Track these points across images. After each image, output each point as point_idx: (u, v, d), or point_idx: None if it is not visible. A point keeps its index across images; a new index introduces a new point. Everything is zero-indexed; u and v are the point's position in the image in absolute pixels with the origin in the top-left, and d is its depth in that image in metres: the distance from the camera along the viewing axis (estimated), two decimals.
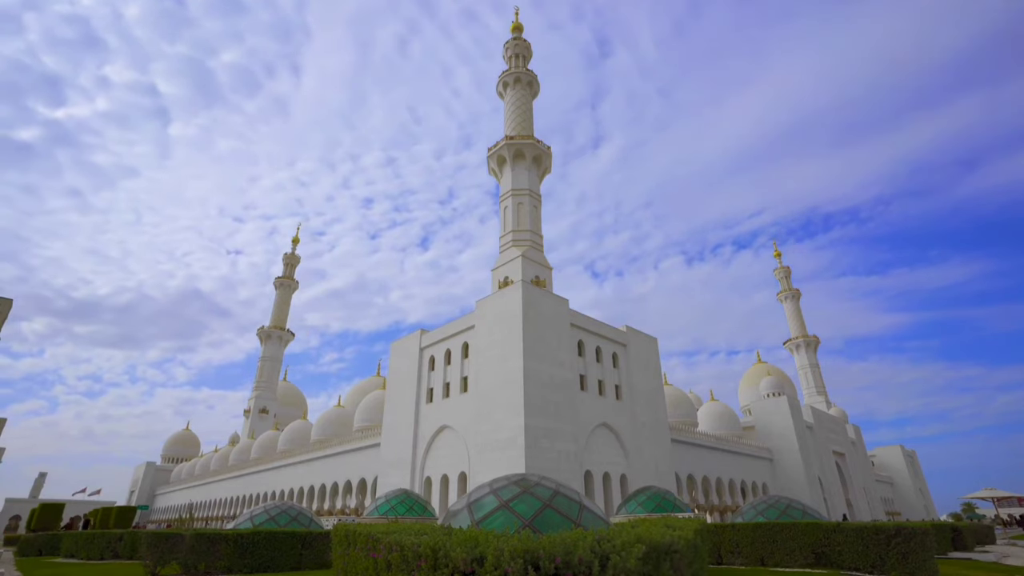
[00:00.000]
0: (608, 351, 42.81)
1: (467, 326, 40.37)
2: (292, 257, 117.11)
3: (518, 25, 62.56)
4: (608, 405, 40.52)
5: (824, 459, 69.80)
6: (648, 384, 45.65)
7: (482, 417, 35.56)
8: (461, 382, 39.82)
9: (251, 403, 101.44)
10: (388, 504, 27.39)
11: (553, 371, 35.85)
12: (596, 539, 6.26)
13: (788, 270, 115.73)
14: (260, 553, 17.93)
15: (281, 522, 21.68)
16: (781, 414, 65.66)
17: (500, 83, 59.42)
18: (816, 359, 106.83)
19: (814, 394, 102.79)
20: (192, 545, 17.50)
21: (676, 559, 6.97)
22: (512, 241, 48.59)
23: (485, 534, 6.65)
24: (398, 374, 46.69)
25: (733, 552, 19.29)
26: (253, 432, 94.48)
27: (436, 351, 43.31)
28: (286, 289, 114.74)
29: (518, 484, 10.71)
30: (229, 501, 76.38)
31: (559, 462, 33.33)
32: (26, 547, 37.14)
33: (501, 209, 51.50)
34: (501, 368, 35.22)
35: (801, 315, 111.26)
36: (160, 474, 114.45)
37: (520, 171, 51.88)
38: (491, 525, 9.44)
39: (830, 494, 66.35)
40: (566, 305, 39.78)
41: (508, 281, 44.64)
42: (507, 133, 55.32)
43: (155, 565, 17.10)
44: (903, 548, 15.70)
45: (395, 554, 7.00)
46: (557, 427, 34.40)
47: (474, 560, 5.91)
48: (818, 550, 17.36)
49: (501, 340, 36.09)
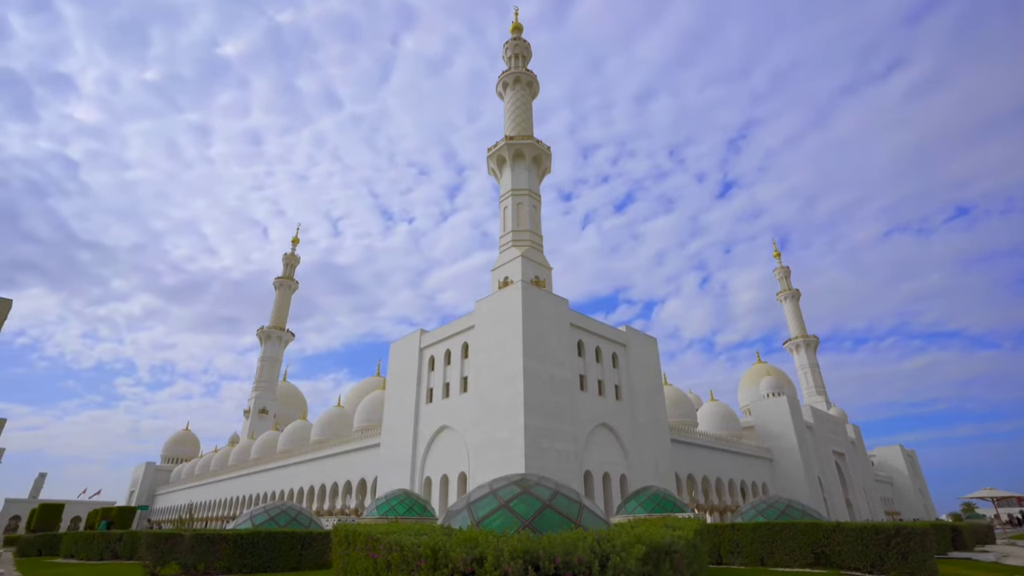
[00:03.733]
0: (608, 351, 42.80)
1: (467, 326, 40.37)
2: (292, 257, 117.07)
3: (518, 25, 62.55)
4: (608, 405, 40.51)
5: (824, 459, 69.80)
6: (648, 384, 45.64)
7: (482, 417, 35.55)
8: (461, 382, 39.82)
9: (251, 403, 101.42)
10: (388, 504, 27.40)
11: (553, 371, 35.84)
12: (596, 539, 6.26)
13: (788, 270, 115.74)
14: (260, 553, 17.95)
15: (281, 522, 21.69)
16: (781, 414, 65.69)
17: (500, 83, 59.41)
18: (816, 359, 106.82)
19: (814, 394, 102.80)
20: (192, 545, 17.50)
21: (676, 559, 6.97)
22: (512, 241, 48.60)
23: (485, 534, 6.65)
24: (398, 374, 46.68)
25: (733, 552, 19.30)
26: (253, 432, 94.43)
27: (436, 351, 43.30)
28: (285, 289, 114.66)
29: (518, 484, 10.70)
30: (229, 501, 76.35)
31: (559, 462, 33.32)
32: (26, 547, 37.14)
33: (501, 209, 51.51)
34: (501, 368, 35.21)
35: (801, 315, 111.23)
36: (160, 474, 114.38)
37: (520, 171, 51.88)
38: (491, 525, 9.43)
39: (830, 494, 66.36)
40: (566, 305, 39.78)
41: (508, 281, 44.64)
42: (507, 133, 55.32)
43: (155, 565, 17.09)
44: (903, 548, 15.70)
45: (395, 554, 7.00)
46: (557, 427, 34.39)
47: (474, 560, 5.91)
48: (818, 550, 17.36)
49: (501, 340, 36.09)
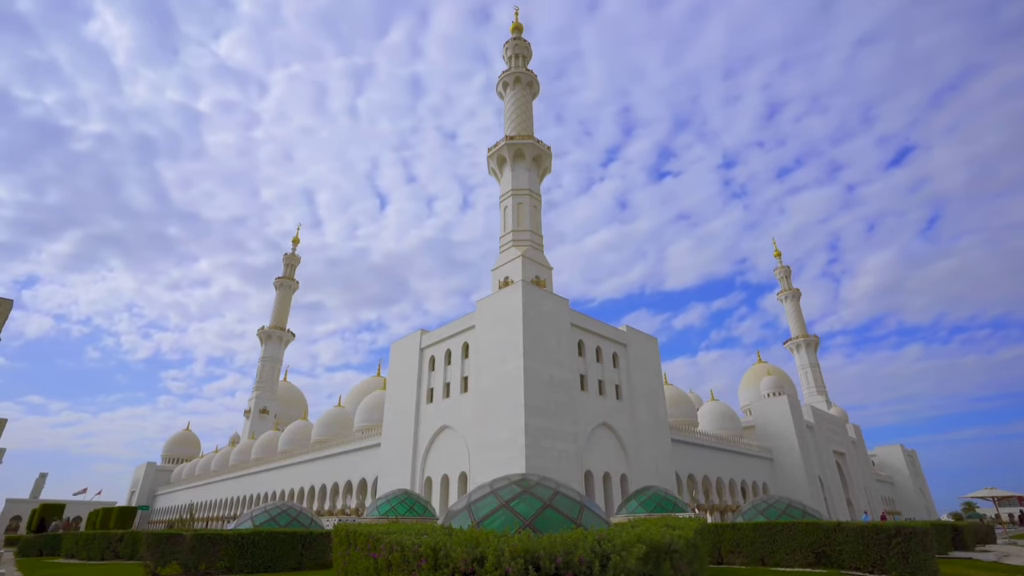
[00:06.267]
0: (608, 351, 42.79)
1: (467, 326, 40.36)
2: (292, 257, 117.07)
3: (518, 25, 62.55)
4: (608, 405, 40.51)
5: (824, 459, 69.78)
6: (648, 384, 45.63)
7: (482, 417, 35.55)
8: (461, 382, 39.81)
9: (251, 403, 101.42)
10: (388, 504, 27.41)
11: (553, 371, 35.84)
12: (597, 539, 6.26)
13: (788, 270, 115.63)
14: (260, 553, 17.96)
15: (281, 522, 21.70)
16: (781, 414, 65.66)
17: (500, 83, 59.39)
18: (816, 359, 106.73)
19: (814, 394, 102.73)
20: (192, 545, 17.50)
21: (676, 559, 6.96)
22: (512, 241, 48.60)
23: (485, 534, 6.65)
24: (398, 374, 46.68)
25: (733, 552, 19.29)
26: (253, 432, 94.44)
27: (436, 351, 43.29)
28: (286, 289, 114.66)
29: (518, 484, 10.70)
30: (229, 501, 76.36)
31: (559, 462, 33.32)
32: (27, 548, 37.17)
33: (501, 209, 51.50)
34: (501, 368, 35.21)
35: (801, 315, 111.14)
36: (160, 474, 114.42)
37: (520, 171, 51.88)
38: (491, 525, 9.43)
39: (830, 494, 66.34)
40: (566, 305, 39.77)
41: (508, 281, 44.64)
42: (507, 133, 55.32)
43: (155, 565, 17.11)
44: (903, 548, 15.68)
45: (395, 554, 7.00)
46: (557, 427, 34.39)
47: (474, 560, 5.90)
48: (818, 550, 17.35)
49: (501, 340, 36.09)
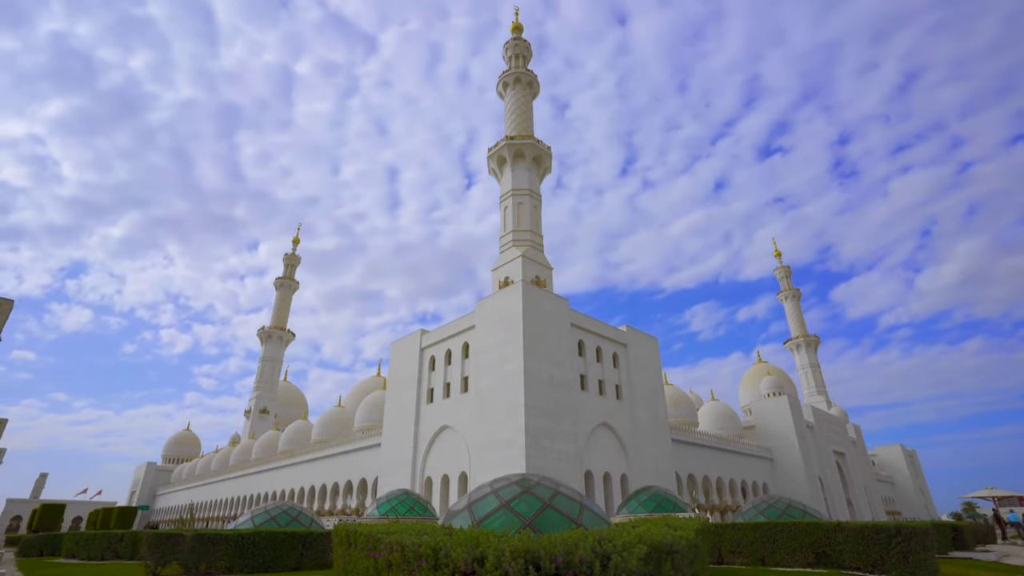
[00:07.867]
0: (608, 351, 42.78)
1: (467, 326, 40.36)
2: (292, 257, 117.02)
3: (518, 25, 62.54)
4: (608, 405, 40.50)
5: (824, 459, 69.76)
6: (648, 384, 45.63)
7: (482, 417, 35.55)
8: (461, 382, 39.82)
9: (251, 403, 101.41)
10: (389, 504, 27.43)
11: (553, 371, 35.84)
12: (597, 539, 6.26)
13: (788, 270, 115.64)
14: (261, 553, 17.96)
15: (282, 522, 21.71)
16: (781, 414, 65.64)
17: (500, 83, 59.38)
18: (816, 359, 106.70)
19: (814, 394, 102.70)
20: (193, 545, 17.50)
21: (677, 559, 6.97)
22: (512, 241, 48.59)
23: (486, 534, 6.65)
24: (398, 374, 46.68)
25: (734, 552, 19.28)
26: (253, 433, 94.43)
27: (436, 351, 43.29)
28: (286, 289, 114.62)
29: (519, 484, 10.69)
30: (230, 501, 76.37)
31: (559, 462, 33.32)
32: (27, 548, 37.19)
33: (501, 209, 51.51)
34: (501, 368, 35.21)
35: (801, 315, 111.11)
36: (161, 475, 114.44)
37: (520, 171, 51.88)
38: (492, 525, 9.43)
39: (830, 494, 66.32)
40: (566, 305, 39.77)
41: (508, 281, 44.62)
42: (507, 133, 55.31)
43: (156, 565, 17.11)
44: (903, 548, 15.66)
45: (396, 554, 6.99)
46: (557, 427, 34.39)
47: (475, 560, 5.90)
48: (819, 550, 17.34)
49: (501, 340, 36.09)
